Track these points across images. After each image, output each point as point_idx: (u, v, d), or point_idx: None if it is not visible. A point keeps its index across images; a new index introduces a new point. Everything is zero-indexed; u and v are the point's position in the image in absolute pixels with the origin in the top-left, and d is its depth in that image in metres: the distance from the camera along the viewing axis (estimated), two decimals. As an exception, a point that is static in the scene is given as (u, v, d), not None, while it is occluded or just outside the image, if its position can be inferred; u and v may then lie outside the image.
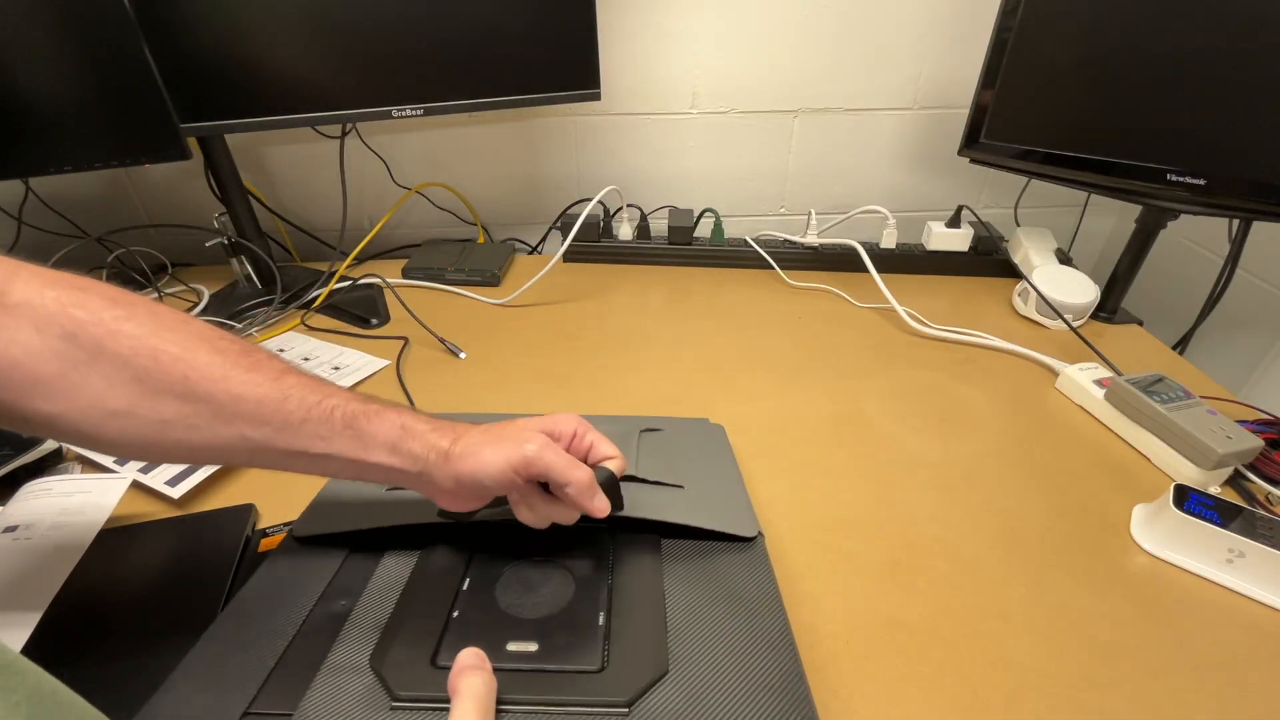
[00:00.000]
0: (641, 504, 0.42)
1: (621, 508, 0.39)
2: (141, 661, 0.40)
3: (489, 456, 0.36)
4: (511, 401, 0.67)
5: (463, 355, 0.75)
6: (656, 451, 0.50)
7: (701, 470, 0.49)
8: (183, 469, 0.55)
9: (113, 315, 0.32)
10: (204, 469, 0.55)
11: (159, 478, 0.54)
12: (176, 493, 0.53)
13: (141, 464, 0.55)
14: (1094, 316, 0.84)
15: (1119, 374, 0.67)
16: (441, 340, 0.76)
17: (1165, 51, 0.67)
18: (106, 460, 0.56)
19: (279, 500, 0.53)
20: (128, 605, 0.44)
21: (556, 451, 0.36)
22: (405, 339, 0.77)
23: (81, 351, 0.32)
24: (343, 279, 0.88)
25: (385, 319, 0.82)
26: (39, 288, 0.32)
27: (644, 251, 0.97)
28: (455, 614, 0.37)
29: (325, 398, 0.36)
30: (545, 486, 0.38)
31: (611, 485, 0.38)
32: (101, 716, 0.27)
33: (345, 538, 0.42)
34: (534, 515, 0.39)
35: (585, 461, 0.40)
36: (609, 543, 0.43)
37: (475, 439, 0.37)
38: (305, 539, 0.43)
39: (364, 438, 0.36)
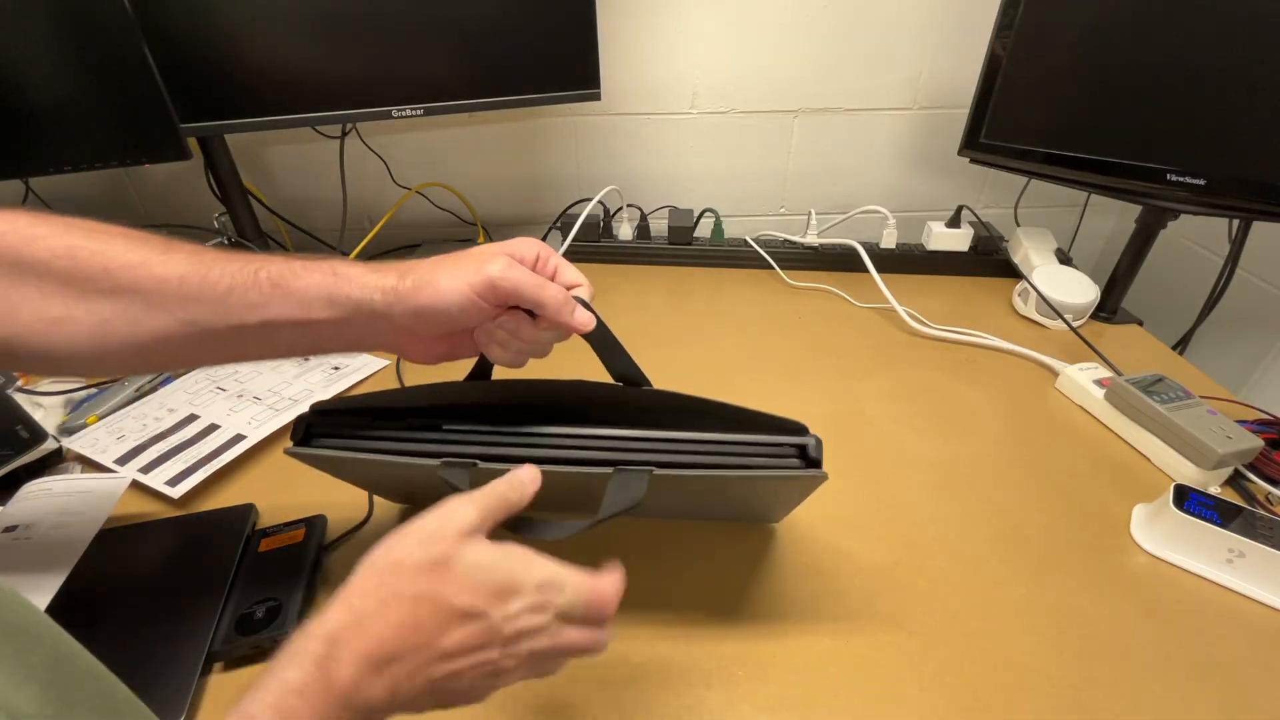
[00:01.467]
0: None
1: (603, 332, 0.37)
2: (141, 661, 0.40)
3: (447, 283, 0.33)
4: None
5: (463, 355, 0.75)
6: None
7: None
8: (183, 469, 0.55)
9: (28, 222, 0.33)
10: (203, 469, 0.55)
11: (159, 478, 0.54)
12: (176, 493, 0.53)
13: (141, 464, 0.55)
14: (1094, 316, 0.84)
15: (1119, 374, 0.67)
16: (441, 340, 0.76)
17: (1165, 52, 0.67)
18: (107, 460, 0.56)
19: (279, 500, 0.53)
20: (127, 605, 0.44)
21: (523, 269, 0.34)
22: (405, 339, 0.77)
23: (7, 267, 0.32)
24: (343, 279, 0.88)
25: (385, 319, 0.82)
26: None
27: (644, 251, 0.97)
28: None
29: (248, 263, 0.34)
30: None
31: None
32: (120, 684, 0.27)
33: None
34: (507, 351, 0.37)
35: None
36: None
37: (428, 269, 0.34)
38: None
39: (296, 296, 0.33)
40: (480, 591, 0.27)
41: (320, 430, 0.39)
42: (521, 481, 0.32)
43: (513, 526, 0.34)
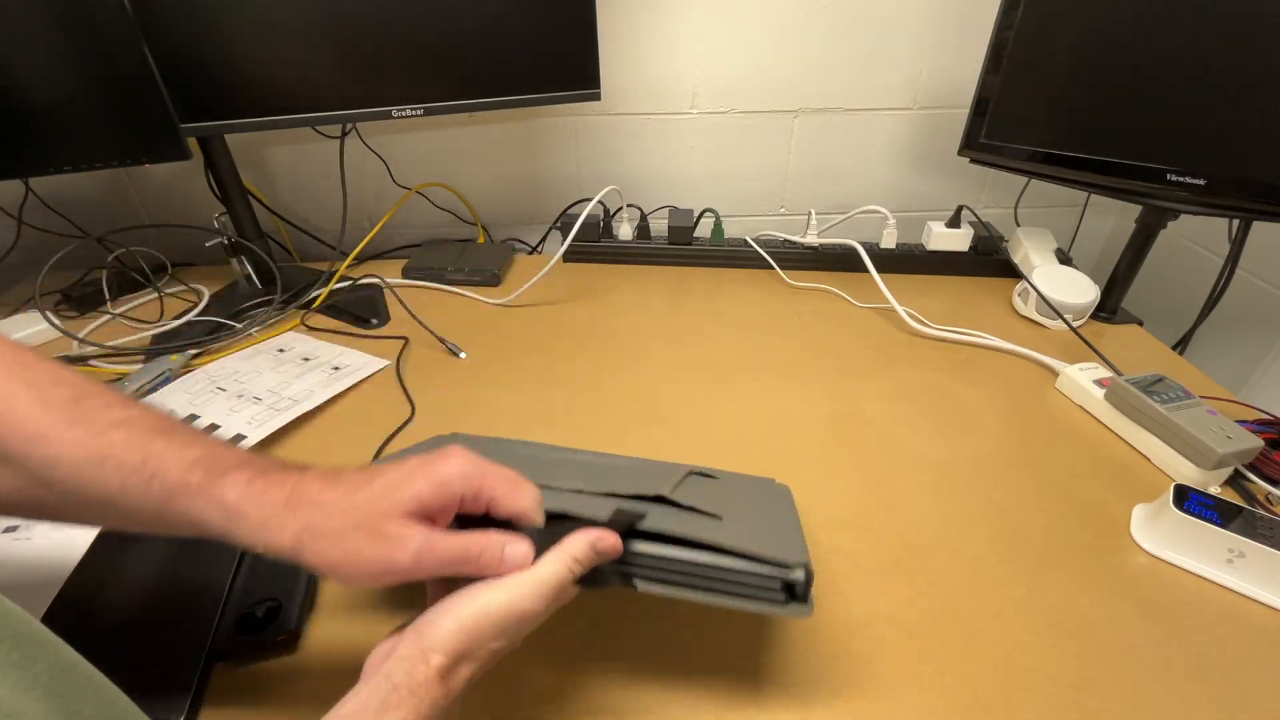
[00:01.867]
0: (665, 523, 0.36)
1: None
2: (141, 661, 0.40)
3: (348, 573, 0.30)
4: (511, 401, 0.67)
5: (463, 355, 0.75)
6: (700, 488, 0.45)
7: (751, 509, 0.44)
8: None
9: None
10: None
11: (159, 478, 0.54)
12: (176, 493, 0.52)
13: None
14: (1094, 316, 0.84)
15: (1119, 374, 0.67)
16: (441, 340, 0.76)
17: (1165, 51, 0.67)
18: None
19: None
20: (127, 605, 0.44)
21: (437, 548, 0.30)
22: (405, 339, 0.77)
23: None
24: (343, 279, 0.88)
25: (385, 319, 0.82)
26: None
27: (644, 251, 0.97)
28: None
29: (148, 459, 0.30)
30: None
31: (551, 537, 0.33)
32: (121, 694, 0.27)
33: None
34: None
35: (488, 514, 0.34)
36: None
37: (325, 542, 0.29)
38: None
39: (183, 517, 0.30)
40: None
41: None
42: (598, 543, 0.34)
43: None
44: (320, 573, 0.30)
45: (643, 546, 0.34)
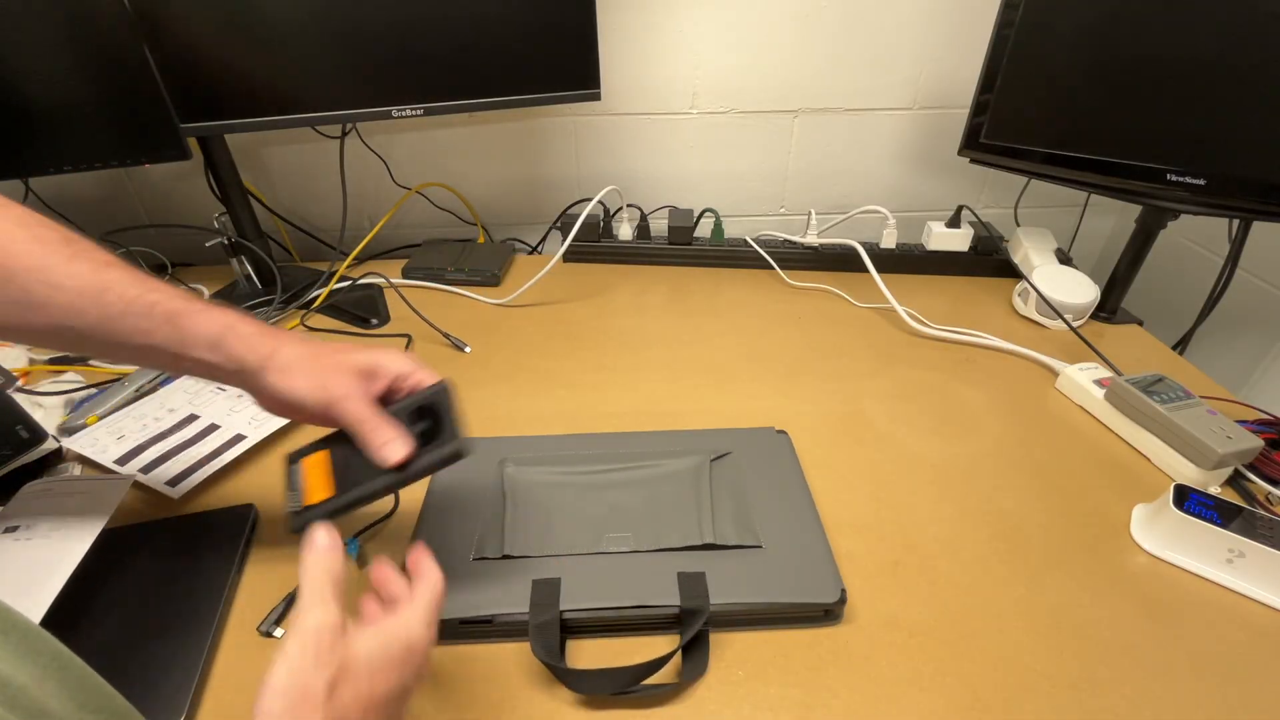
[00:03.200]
0: (723, 579, 0.45)
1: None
2: (141, 661, 0.40)
3: (299, 384, 0.38)
4: (511, 401, 0.67)
5: (467, 349, 0.75)
6: (728, 490, 0.53)
7: (776, 510, 0.51)
8: (183, 469, 0.55)
9: None
10: (204, 469, 0.55)
11: (159, 478, 0.54)
12: (177, 493, 0.53)
13: (142, 464, 0.55)
14: (1094, 316, 0.84)
15: (1119, 374, 0.67)
16: (445, 335, 0.76)
17: (1165, 51, 0.67)
18: (107, 460, 0.56)
19: (279, 500, 0.53)
20: (128, 605, 0.44)
21: (360, 406, 0.38)
22: (409, 336, 0.77)
23: None
24: (343, 279, 0.88)
25: (385, 319, 0.82)
26: None
27: (644, 251, 0.97)
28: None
29: (147, 291, 0.37)
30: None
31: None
32: (114, 690, 0.28)
33: None
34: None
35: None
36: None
37: (290, 359, 0.38)
38: None
39: (185, 334, 0.37)
40: (392, 669, 0.29)
41: None
42: (325, 548, 0.31)
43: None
44: (278, 381, 0.38)
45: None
